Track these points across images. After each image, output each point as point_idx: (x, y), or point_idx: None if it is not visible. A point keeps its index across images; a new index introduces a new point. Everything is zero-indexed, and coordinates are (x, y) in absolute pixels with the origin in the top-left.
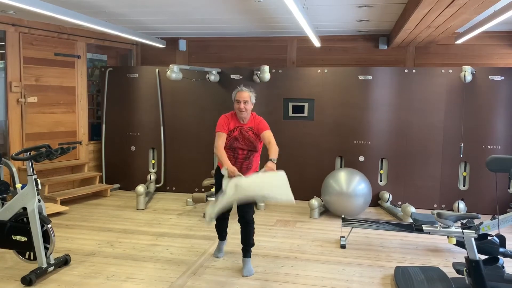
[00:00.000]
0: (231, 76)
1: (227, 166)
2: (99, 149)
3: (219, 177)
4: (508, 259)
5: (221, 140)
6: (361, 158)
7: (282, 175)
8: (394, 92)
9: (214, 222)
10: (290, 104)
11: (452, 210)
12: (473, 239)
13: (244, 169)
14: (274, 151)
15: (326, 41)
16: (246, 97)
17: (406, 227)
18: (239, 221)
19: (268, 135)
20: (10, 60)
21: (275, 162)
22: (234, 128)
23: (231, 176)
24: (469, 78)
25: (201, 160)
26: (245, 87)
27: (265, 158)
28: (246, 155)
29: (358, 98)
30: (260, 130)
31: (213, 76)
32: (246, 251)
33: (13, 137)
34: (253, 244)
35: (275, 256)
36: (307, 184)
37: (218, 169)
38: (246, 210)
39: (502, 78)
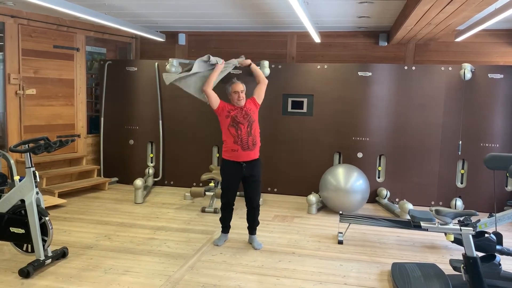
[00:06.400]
0: (230, 71)
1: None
2: (97, 142)
3: (224, 172)
4: (504, 256)
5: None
6: (360, 155)
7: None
8: (394, 89)
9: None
10: (289, 100)
11: (449, 207)
12: (471, 236)
13: (250, 145)
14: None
15: (326, 37)
16: (241, 87)
17: (403, 223)
18: (247, 205)
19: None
20: (8, 52)
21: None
22: (231, 109)
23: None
24: (468, 76)
25: (200, 155)
26: (237, 79)
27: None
28: (248, 130)
29: (357, 94)
30: (253, 98)
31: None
32: (253, 229)
33: (11, 129)
34: (258, 223)
35: (272, 251)
36: (305, 179)
37: (223, 162)
38: (254, 196)
39: (502, 76)
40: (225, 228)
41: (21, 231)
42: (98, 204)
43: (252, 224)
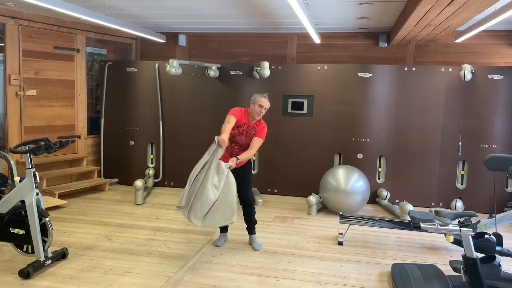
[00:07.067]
0: (230, 71)
1: (222, 136)
2: (97, 143)
3: None
4: (504, 257)
5: (229, 125)
6: (360, 156)
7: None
8: (394, 90)
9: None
10: (290, 101)
11: (449, 208)
12: (470, 237)
13: (234, 154)
14: (246, 154)
15: (326, 38)
16: (267, 105)
17: (403, 224)
18: (240, 203)
19: (256, 142)
20: (9, 52)
21: (237, 162)
22: (243, 123)
23: (218, 146)
24: (468, 76)
25: (200, 156)
26: (267, 97)
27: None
28: (242, 146)
29: (357, 95)
30: (257, 134)
31: (213, 72)
32: (251, 228)
33: (12, 130)
34: (255, 222)
35: (272, 252)
36: (305, 180)
37: None
38: (246, 193)
39: (502, 77)
40: (223, 228)
41: (21, 232)
42: (98, 205)
43: (249, 222)
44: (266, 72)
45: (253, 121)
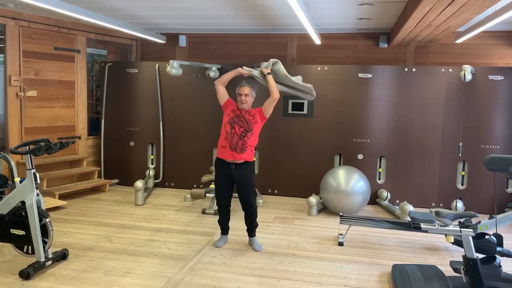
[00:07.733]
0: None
1: (239, 70)
2: (98, 144)
3: (216, 171)
4: (505, 258)
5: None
6: (360, 156)
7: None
8: (394, 90)
9: None
10: (290, 102)
11: (450, 209)
12: (470, 238)
13: (238, 149)
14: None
15: (327, 39)
16: (247, 91)
17: (404, 225)
18: (243, 209)
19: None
20: (9, 53)
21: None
22: (235, 109)
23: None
24: (469, 77)
25: (200, 156)
26: (246, 83)
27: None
28: (242, 133)
29: (357, 96)
30: (261, 110)
31: (213, 72)
32: (252, 231)
33: (12, 131)
34: (256, 225)
35: (273, 253)
36: (306, 181)
37: (216, 160)
38: (248, 200)
39: (502, 78)
40: (224, 230)
41: (22, 232)
42: (98, 205)
43: (250, 227)
44: None
45: (242, 109)
